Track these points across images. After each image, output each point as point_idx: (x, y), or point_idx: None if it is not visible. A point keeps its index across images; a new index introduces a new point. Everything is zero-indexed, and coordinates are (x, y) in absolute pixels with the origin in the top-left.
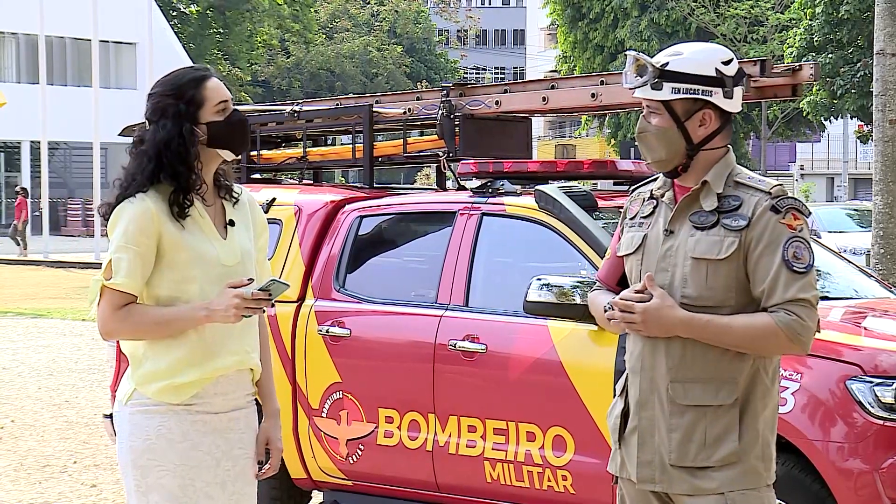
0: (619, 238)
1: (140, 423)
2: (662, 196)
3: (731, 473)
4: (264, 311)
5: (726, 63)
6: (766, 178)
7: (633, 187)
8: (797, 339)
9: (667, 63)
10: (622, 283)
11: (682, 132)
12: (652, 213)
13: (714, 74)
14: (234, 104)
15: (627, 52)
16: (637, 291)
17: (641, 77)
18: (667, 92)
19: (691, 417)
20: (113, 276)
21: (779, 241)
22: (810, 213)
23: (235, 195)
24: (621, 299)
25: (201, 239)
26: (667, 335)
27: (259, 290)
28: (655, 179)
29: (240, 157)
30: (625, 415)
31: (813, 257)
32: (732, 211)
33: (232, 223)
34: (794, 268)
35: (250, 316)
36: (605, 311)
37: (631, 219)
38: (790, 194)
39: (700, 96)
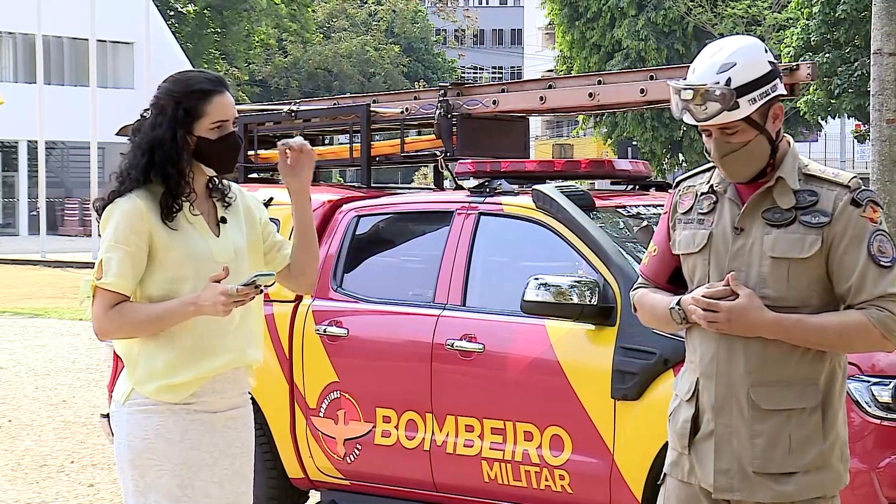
0: (668, 233)
1: (139, 422)
2: (725, 191)
3: (817, 478)
4: (253, 299)
5: (766, 50)
6: (839, 171)
7: (679, 179)
8: (891, 334)
9: (728, 79)
10: (672, 280)
11: (766, 136)
12: (713, 210)
13: (770, 68)
14: (234, 123)
15: (677, 84)
16: (721, 289)
17: (717, 104)
18: (745, 107)
19: (775, 422)
20: (103, 275)
21: (863, 236)
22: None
23: (228, 200)
24: (704, 297)
25: (194, 237)
26: (750, 335)
27: (243, 284)
28: (703, 172)
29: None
30: (694, 419)
31: (895, 250)
32: (810, 207)
33: (224, 220)
34: (881, 262)
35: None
36: (674, 309)
37: (684, 213)
38: (865, 186)
39: (772, 94)
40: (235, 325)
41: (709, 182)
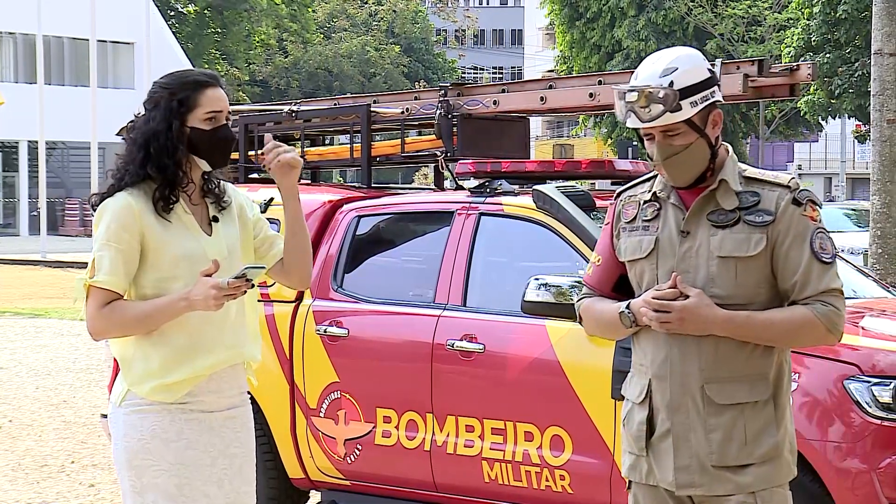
0: (611, 242)
1: (135, 423)
2: (668, 197)
3: (771, 468)
4: (245, 293)
5: (705, 59)
6: (777, 172)
7: (619, 191)
8: (835, 328)
9: (671, 82)
10: (617, 289)
11: (706, 140)
12: (657, 216)
13: (709, 75)
14: (227, 118)
15: (622, 89)
16: (670, 290)
17: (661, 106)
18: (687, 109)
19: (730, 416)
20: (96, 274)
21: (805, 233)
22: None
23: (224, 204)
24: (655, 298)
25: (186, 236)
26: (702, 333)
27: (234, 278)
28: (643, 182)
29: (218, 168)
30: (649, 421)
31: (835, 247)
32: (753, 207)
33: (216, 219)
34: (823, 259)
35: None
36: (623, 312)
37: (629, 222)
38: (804, 187)
39: (711, 100)
40: (231, 322)
41: (651, 190)
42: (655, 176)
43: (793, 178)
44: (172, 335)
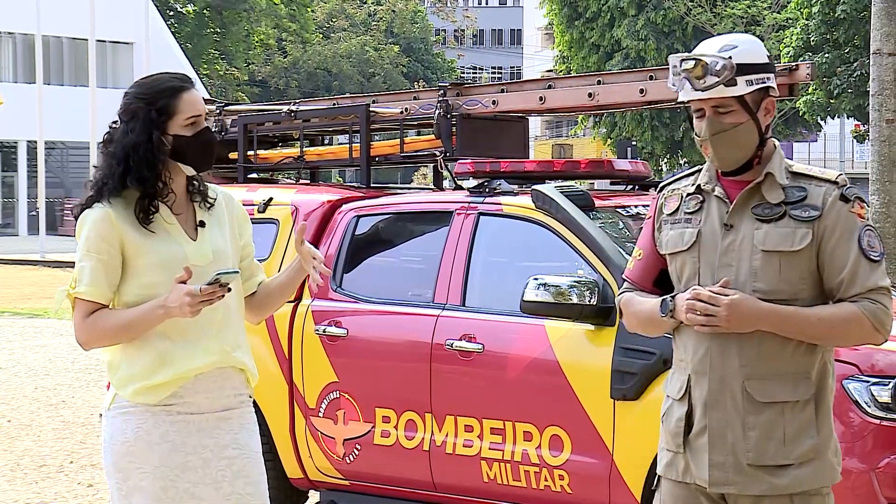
0: (653, 236)
1: (119, 426)
2: (713, 190)
3: (810, 470)
4: (222, 297)
5: (764, 47)
6: (825, 169)
7: (662, 184)
8: (882, 327)
9: (729, 57)
10: (658, 284)
11: (757, 125)
12: (700, 209)
13: (767, 61)
14: (206, 119)
15: (678, 58)
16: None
17: (716, 78)
18: (742, 86)
19: (770, 415)
20: (77, 285)
21: (853, 230)
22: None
23: (210, 201)
24: (700, 293)
25: (168, 243)
26: (748, 329)
27: (207, 284)
28: (687, 176)
29: (201, 172)
30: (688, 417)
31: (882, 245)
32: (799, 202)
33: (202, 224)
34: (871, 257)
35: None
36: (666, 300)
37: (670, 214)
38: (850, 184)
39: (766, 84)
40: (216, 326)
41: (695, 183)
42: (699, 170)
43: (840, 174)
44: (156, 339)
